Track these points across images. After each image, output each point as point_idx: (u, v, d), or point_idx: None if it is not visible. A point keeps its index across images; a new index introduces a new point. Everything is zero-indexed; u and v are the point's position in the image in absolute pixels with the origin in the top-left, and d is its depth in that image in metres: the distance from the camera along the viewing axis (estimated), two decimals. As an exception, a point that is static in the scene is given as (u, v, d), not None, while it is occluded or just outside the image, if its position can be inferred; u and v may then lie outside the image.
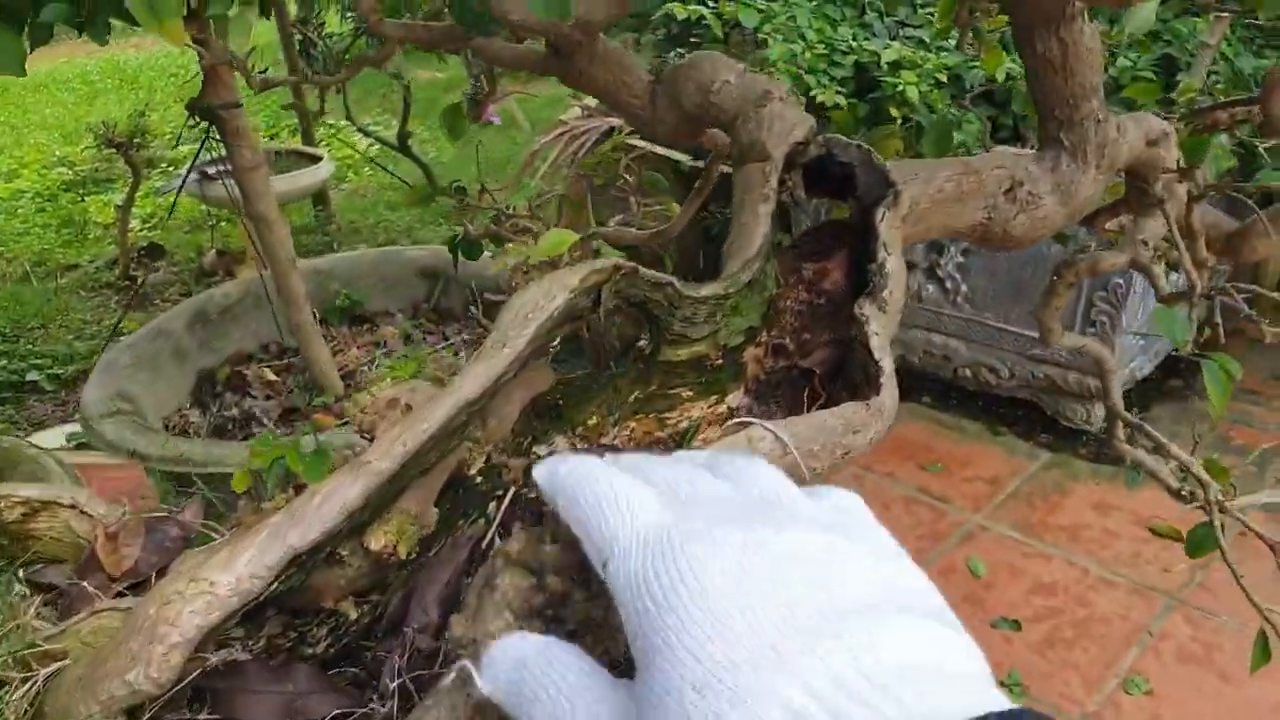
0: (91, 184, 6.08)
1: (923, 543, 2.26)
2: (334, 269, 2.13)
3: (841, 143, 0.68)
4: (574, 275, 0.47)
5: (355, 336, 2.06)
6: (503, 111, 5.80)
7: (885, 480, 2.47)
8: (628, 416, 0.55)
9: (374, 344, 2.02)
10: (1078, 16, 0.74)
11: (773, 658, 0.25)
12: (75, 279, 4.74)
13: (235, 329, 1.97)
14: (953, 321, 2.58)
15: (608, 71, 0.70)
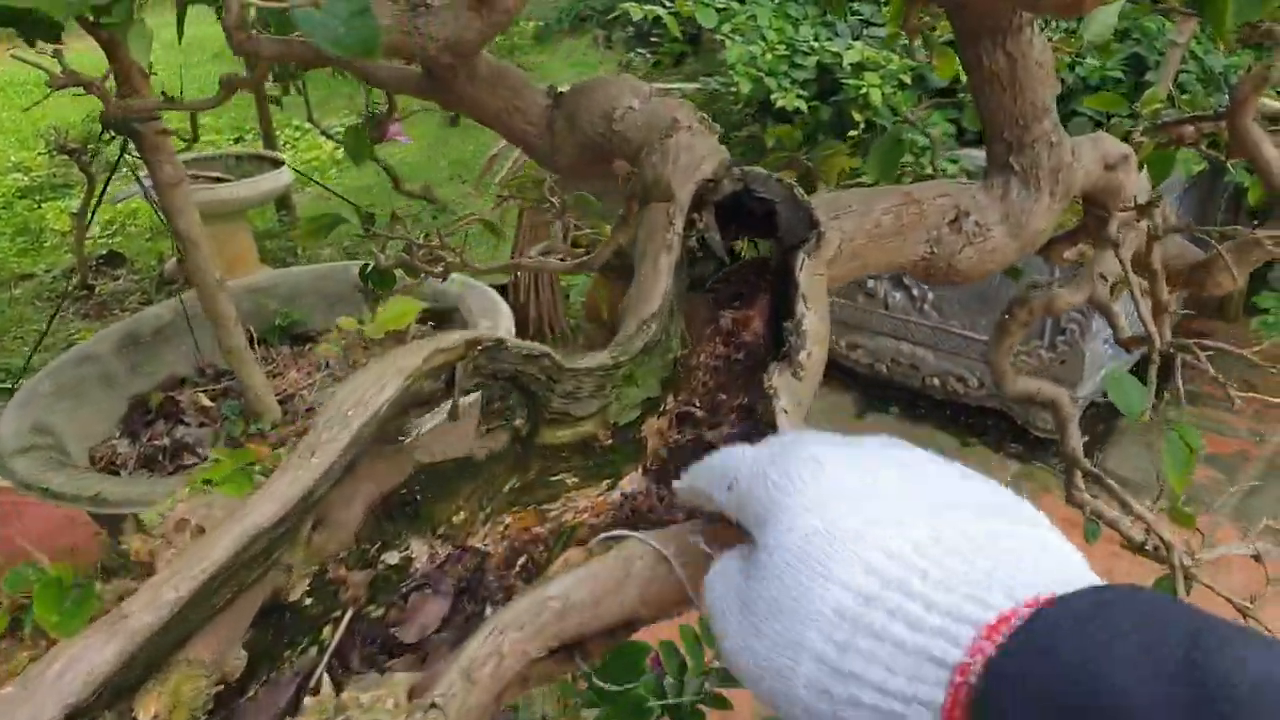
0: (49, 190, 5.91)
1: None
2: (272, 286, 2.03)
3: (760, 176, 0.60)
4: (413, 356, 0.39)
5: (296, 357, 1.97)
6: (470, 112, 5.70)
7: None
8: (502, 509, 0.47)
9: (315, 365, 1.92)
10: (1026, 27, 0.66)
11: (863, 530, 0.30)
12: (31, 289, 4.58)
13: (169, 351, 1.87)
14: (920, 329, 2.51)
15: (494, 95, 0.62)
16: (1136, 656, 0.23)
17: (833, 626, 0.29)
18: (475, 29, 0.54)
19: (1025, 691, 0.24)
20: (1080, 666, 0.24)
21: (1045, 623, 0.26)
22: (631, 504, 0.48)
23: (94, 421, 1.80)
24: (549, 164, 0.66)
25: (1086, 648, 0.24)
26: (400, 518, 0.45)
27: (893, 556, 0.29)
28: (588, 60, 7.11)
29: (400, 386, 0.38)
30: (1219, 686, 0.22)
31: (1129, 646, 0.24)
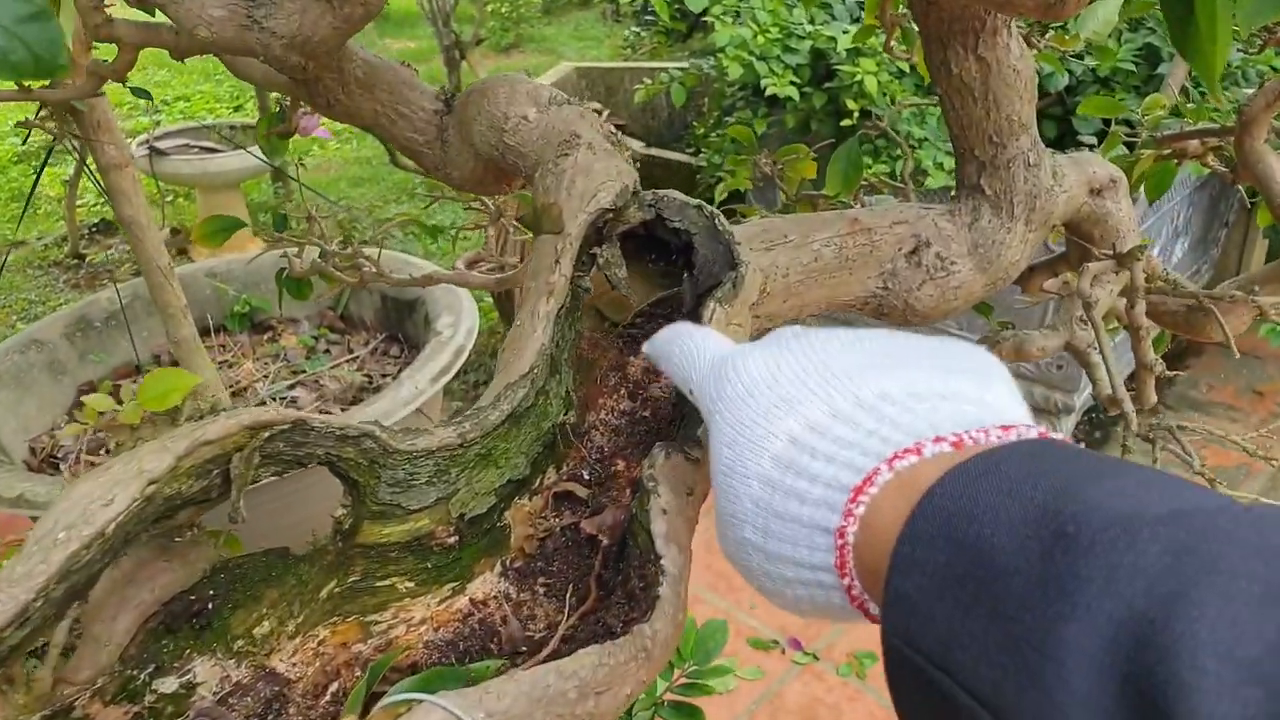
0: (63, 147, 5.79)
1: (873, 568, 2.11)
2: (232, 271, 1.94)
3: (675, 204, 0.51)
4: (161, 456, 0.31)
5: (254, 346, 1.88)
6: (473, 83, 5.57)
7: (837, 498, 2.32)
8: (319, 620, 0.39)
9: (273, 355, 1.84)
10: (1002, 29, 0.57)
11: (785, 406, 0.32)
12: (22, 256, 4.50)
13: (123, 338, 1.79)
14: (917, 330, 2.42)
15: (370, 99, 0.53)
16: (1006, 505, 0.24)
17: (754, 514, 0.32)
18: (327, 25, 0.45)
19: (921, 551, 0.26)
20: (962, 517, 0.25)
21: (945, 484, 0.26)
22: (482, 615, 0.40)
23: (37, 411, 1.72)
24: (442, 178, 0.56)
25: (971, 503, 0.25)
26: (185, 630, 0.37)
27: (791, 440, 0.31)
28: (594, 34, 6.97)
29: (136, 497, 0.30)
30: (1069, 523, 0.23)
31: (1003, 497, 0.25)
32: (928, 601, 0.25)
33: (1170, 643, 0.20)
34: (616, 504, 0.44)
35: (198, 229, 0.74)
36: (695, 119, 2.76)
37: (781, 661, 1.90)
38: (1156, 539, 0.22)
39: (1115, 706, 0.20)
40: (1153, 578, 0.21)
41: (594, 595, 0.39)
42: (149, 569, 0.36)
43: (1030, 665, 0.22)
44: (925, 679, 0.25)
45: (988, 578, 0.24)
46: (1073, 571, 0.22)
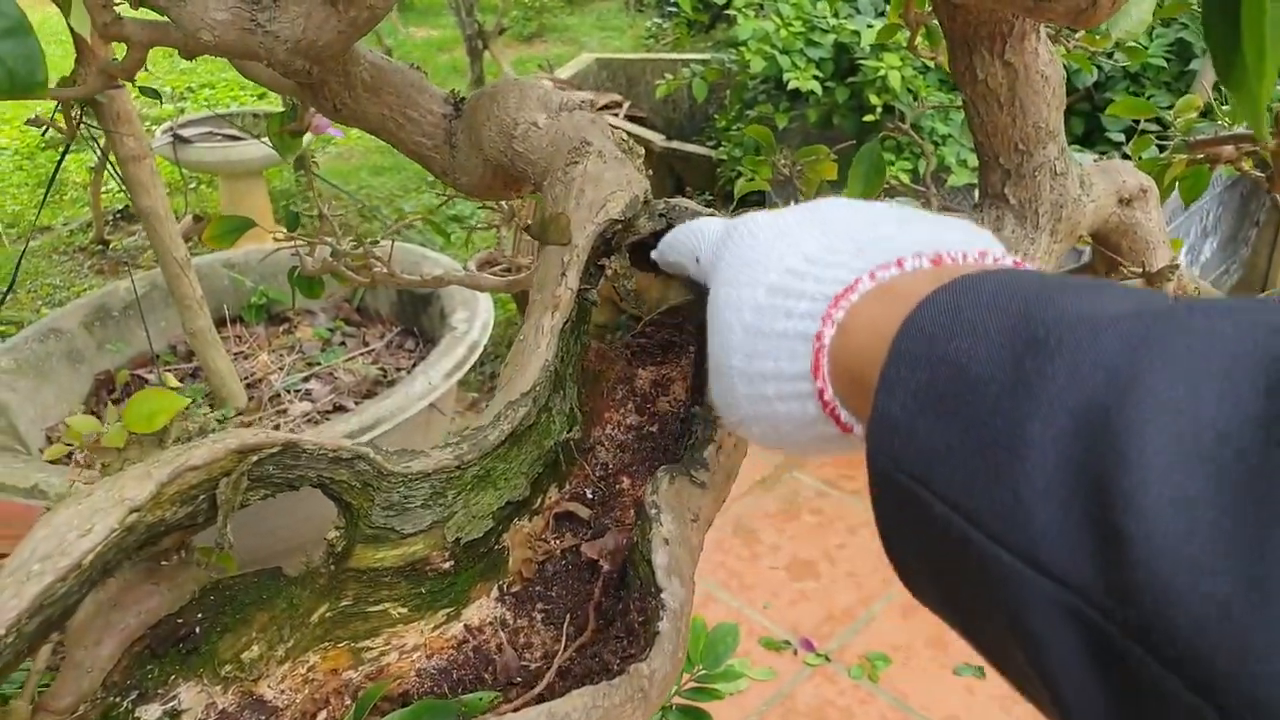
0: (80, 139, 5.83)
1: (887, 572, 2.07)
2: (249, 263, 1.94)
3: (688, 213, 0.49)
4: (143, 483, 0.29)
5: (270, 338, 1.88)
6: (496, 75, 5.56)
7: (851, 500, 2.30)
8: (309, 645, 0.37)
9: (289, 347, 1.84)
10: (1030, 34, 0.55)
11: (785, 244, 0.35)
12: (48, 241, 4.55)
13: (140, 327, 1.79)
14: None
15: (377, 103, 0.51)
16: (984, 320, 0.25)
17: (743, 340, 0.34)
18: (332, 29, 0.43)
19: (905, 370, 0.26)
20: (943, 334, 0.26)
21: (929, 304, 0.27)
22: (477, 642, 0.38)
23: (54, 400, 1.73)
24: (451, 183, 0.55)
25: (952, 320, 0.26)
26: (171, 656, 0.36)
27: (787, 270, 0.34)
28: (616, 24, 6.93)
29: (116, 527, 0.28)
30: (1039, 329, 0.24)
31: (982, 312, 0.25)
32: (909, 419, 0.26)
33: (1121, 426, 0.20)
34: (619, 525, 0.43)
35: (209, 230, 0.73)
36: (717, 111, 2.73)
37: (793, 663, 1.88)
38: (1117, 334, 0.22)
39: (1070, 495, 0.21)
40: (1110, 369, 0.22)
41: (592, 626, 0.37)
42: (135, 592, 0.35)
43: (999, 465, 0.22)
44: (906, 493, 0.25)
45: (965, 390, 0.24)
46: (1039, 372, 0.23)
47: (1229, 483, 0.19)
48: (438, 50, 6.56)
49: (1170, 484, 0.19)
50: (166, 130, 3.40)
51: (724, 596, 2.04)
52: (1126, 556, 0.19)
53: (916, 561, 0.27)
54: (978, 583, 0.23)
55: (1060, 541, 0.21)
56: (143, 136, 1.49)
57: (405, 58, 1.61)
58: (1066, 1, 0.44)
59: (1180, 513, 0.19)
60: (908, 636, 1.91)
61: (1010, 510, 0.22)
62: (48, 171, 5.36)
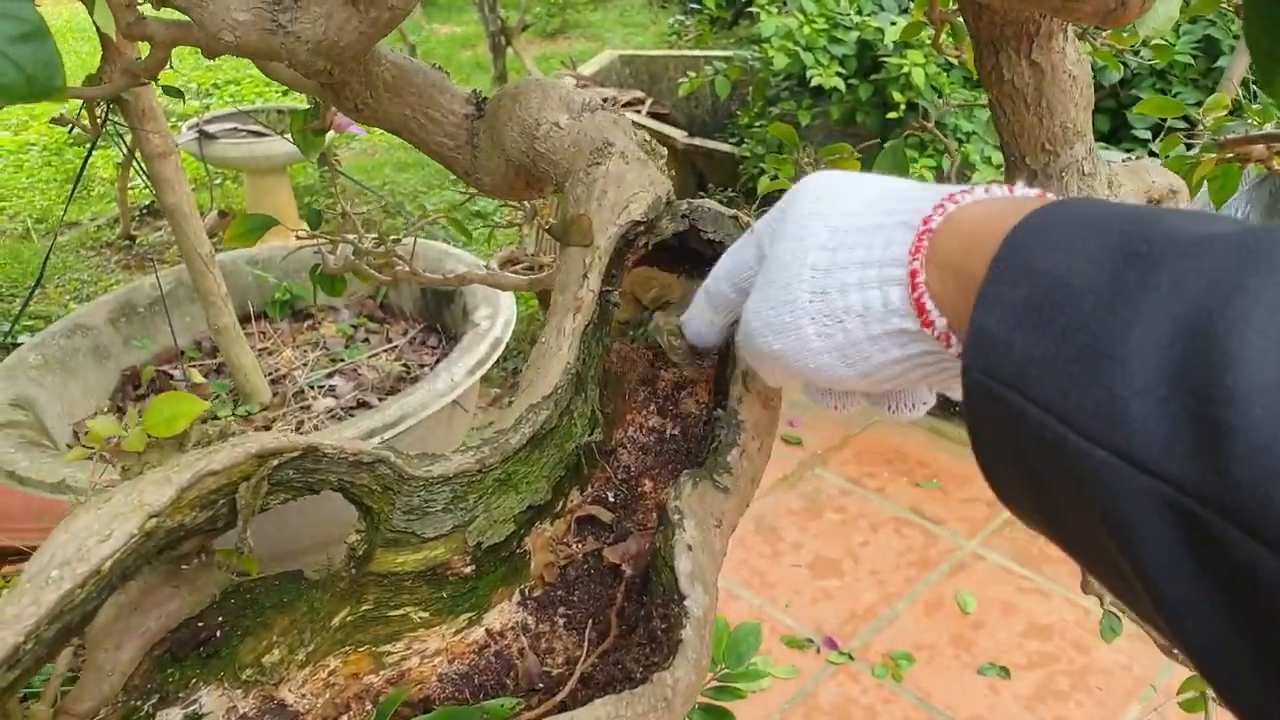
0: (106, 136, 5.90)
1: (911, 571, 2.08)
2: (273, 259, 1.95)
3: (710, 214, 0.49)
4: (163, 488, 0.29)
5: (294, 334, 1.90)
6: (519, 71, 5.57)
7: (875, 498, 2.29)
8: (329, 649, 0.37)
9: (312, 344, 1.85)
10: (1058, 33, 0.54)
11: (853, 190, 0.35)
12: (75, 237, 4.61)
13: (166, 323, 1.81)
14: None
15: (399, 103, 0.51)
16: (1084, 236, 0.26)
17: (829, 238, 0.34)
18: (353, 29, 0.43)
19: (1004, 287, 0.27)
20: (1044, 247, 0.26)
21: (1028, 223, 0.28)
22: (499, 647, 0.38)
23: (81, 396, 1.75)
24: (473, 183, 0.55)
25: (1054, 233, 0.27)
26: (192, 659, 0.36)
27: (882, 194, 0.34)
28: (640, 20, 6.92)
29: (135, 532, 0.29)
30: (1141, 244, 0.24)
31: (1082, 229, 0.26)
32: (1007, 332, 0.26)
33: (1223, 328, 0.21)
34: (642, 529, 0.43)
35: (230, 230, 0.74)
36: (739, 108, 2.72)
37: (816, 661, 1.87)
38: (1221, 246, 0.23)
39: (1170, 393, 0.21)
40: (1215, 277, 0.22)
41: (614, 632, 0.37)
42: (156, 595, 0.35)
43: (1097, 368, 0.23)
44: (1001, 402, 0.26)
45: (1063, 300, 0.25)
46: (1141, 283, 0.23)
47: None
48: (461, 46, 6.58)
49: (1269, 377, 0.20)
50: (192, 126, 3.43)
51: (746, 595, 2.03)
52: (1229, 446, 0.20)
53: (1010, 470, 0.27)
54: (1072, 484, 0.24)
55: (1158, 436, 0.21)
56: (168, 133, 1.50)
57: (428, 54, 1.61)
58: (1095, 1, 0.43)
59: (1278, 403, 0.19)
60: (932, 636, 1.89)
61: (1106, 410, 0.22)
62: (75, 167, 5.43)
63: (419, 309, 1.95)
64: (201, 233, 1.55)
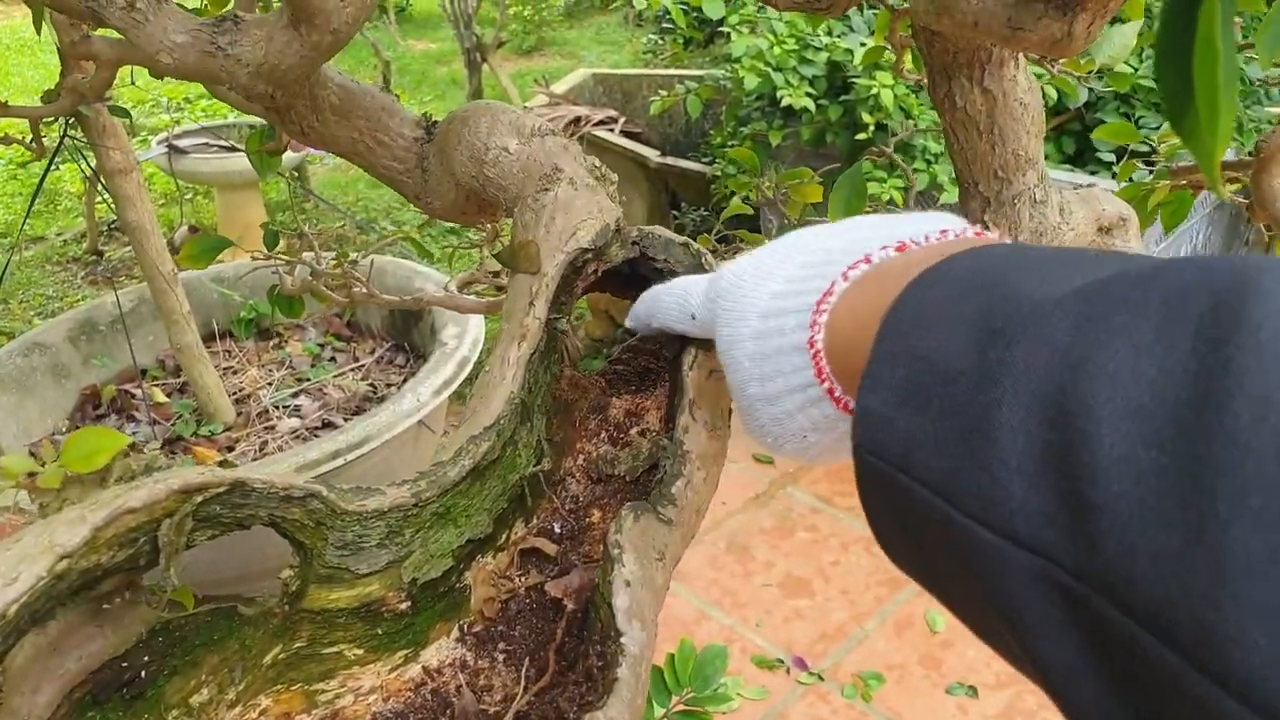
0: (67, 152, 5.84)
1: (881, 590, 2.08)
2: (239, 277, 1.93)
3: (660, 241, 0.48)
4: (76, 528, 0.28)
5: (260, 353, 1.87)
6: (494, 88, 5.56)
7: (845, 516, 2.29)
8: (261, 687, 0.36)
9: (278, 362, 1.82)
10: (1009, 61, 0.54)
11: (766, 274, 0.37)
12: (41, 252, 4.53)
13: (128, 341, 1.78)
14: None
15: (349, 126, 0.51)
16: (952, 312, 0.27)
17: (752, 368, 0.36)
18: (295, 53, 0.43)
19: (885, 368, 0.28)
20: (918, 330, 0.28)
21: (903, 301, 0.29)
22: (436, 684, 0.37)
23: (39, 415, 1.72)
24: (423, 207, 0.54)
25: (924, 313, 0.28)
26: (115, 701, 0.35)
27: (772, 295, 0.36)
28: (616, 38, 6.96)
29: (44, 575, 0.27)
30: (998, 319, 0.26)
31: (951, 305, 0.27)
32: (889, 412, 0.28)
33: (1076, 403, 0.22)
34: (587, 561, 0.42)
35: (184, 250, 0.73)
36: (712, 127, 2.73)
37: (786, 681, 1.87)
38: (1065, 315, 0.24)
39: (1040, 471, 0.22)
40: (1062, 350, 0.23)
41: (552, 669, 0.36)
42: (77, 636, 0.34)
43: (975, 448, 0.24)
44: (889, 481, 0.27)
45: (939, 383, 0.26)
46: (1000, 360, 0.25)
47: (1170, 443, 0.20)
48: (436, 62, 6.58)
49: (1121, 451, 0.21)
50: (162, 141, 3.39)
51: (717, 615, 2.02)
52: (1096, 523, 0.21)
53: (902, 541, 0.29)
54: (960, 559, 0.25)
55: (1035, 515, 0.22)
56: (129, 150, 1.48)
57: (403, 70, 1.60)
58: (1041, 31, 0.43)
59: (1132, 477, 0.20)
60: (901, 655, 1.89)
61: (987, 490, 0.24)
62: (42, 181, 5.34)
63: (387, 327, 1.93)
64: (164, 250, 1.53)
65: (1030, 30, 0.43)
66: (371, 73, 6.13)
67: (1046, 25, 0.43)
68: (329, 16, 0.42)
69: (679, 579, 2.07)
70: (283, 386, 1.76)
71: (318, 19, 0.42)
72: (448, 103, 6.30)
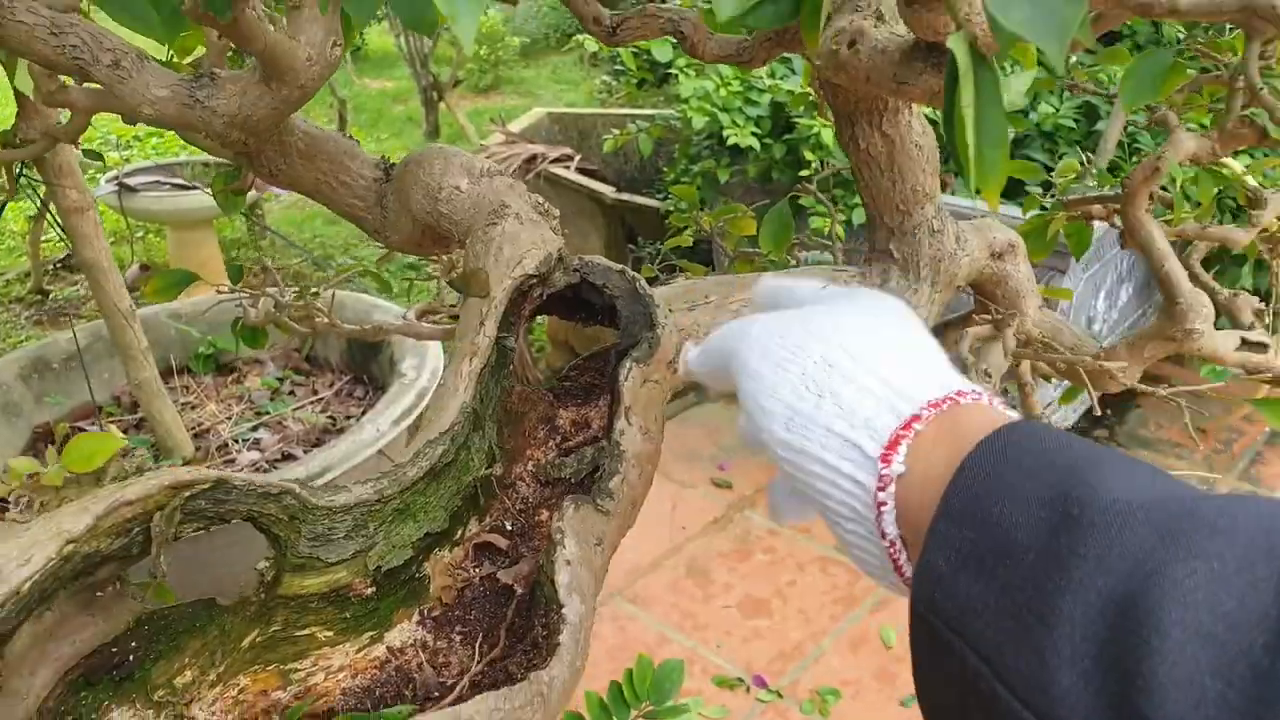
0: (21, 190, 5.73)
1: (836, 608, 2.13)
2: (197, 313, 1.95)
3: (599, 269, 0.54)
4: (80, 517, 0.33)
5: (219, 388, 1.89)
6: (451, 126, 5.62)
7: (801, 538, 2.35)
8: (240, 668, 0.41)
9: (237, 397, 1.84)
10: (903, 108, 0.61)
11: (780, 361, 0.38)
12: (-15, 292, 4.46)
13: (83, 379, 1.79)
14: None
15: (314, 168, 0.56)
16: (1024, 486, 0.28)
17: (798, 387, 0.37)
18: (266, 105, 0.48)
19: (953, 528, 0.29)
20: (988, 496, 0.28)
21: (971, 465, 0.30)
22: (399, 662, 0.42)
23: (-8, 454, 1.71)
24: (383, 241, 0.60)
25: (995, 482, 0.29)
26: (105, 682, 0.39)
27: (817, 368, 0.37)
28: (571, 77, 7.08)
29: (53, 557, 0.32)
30: (1074, 506, 0.26)
31: (1022, 478, 0.28)
32: (952, 573, 0.28)
33: (1144, 614, 0.23)
34: (536, 554, 0.47)
35: (150, 285, 0.76)
36: (666, 164, 2.82)
37: (746, 700, 1.91)
38: (1145, 523, 0.25)
39: (1093, 668, 0.23)
40: (1139, 558, 0.24)
41: (502, 643, 0.41)
42: (71, 623, 0.38)
43: (1029, 631, 0.25)
44: (942, 640, 0.28)
45: (1004, 553, 0.27)
46: (1072, 549, 0.25)
47: (1240, 681, 0.20)
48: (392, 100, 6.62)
49: (1185, 673, 0.21)
50: (112, 179, 3.38)
51: (678, 638, 2.06)
52: None
53: (943, 699, 0.29)
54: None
55: (1079, 710, 0.23)
56: (85, 189, 1.51)
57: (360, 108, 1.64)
58: (922, 85, 0.50)
59: (1192, 701, 0.21)
60: (856, 671, 1.94)
61: (1037, 674, 0.24)
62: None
63: (345, 361, 1.96)
64: (121, 287, 1.55)
65: (913, 84, 0.50)
66: (328, 110, 6.16)
67: (926, 80, 0.50)
68: (298, 74, 0.47)
69: (639, 604, 2.11)
70: (242, 420, 1.77)
71: (287, 76, 0.47)
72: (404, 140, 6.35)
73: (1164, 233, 0.62)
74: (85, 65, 0.47)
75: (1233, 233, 0.75)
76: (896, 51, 0.48)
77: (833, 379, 0.36)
